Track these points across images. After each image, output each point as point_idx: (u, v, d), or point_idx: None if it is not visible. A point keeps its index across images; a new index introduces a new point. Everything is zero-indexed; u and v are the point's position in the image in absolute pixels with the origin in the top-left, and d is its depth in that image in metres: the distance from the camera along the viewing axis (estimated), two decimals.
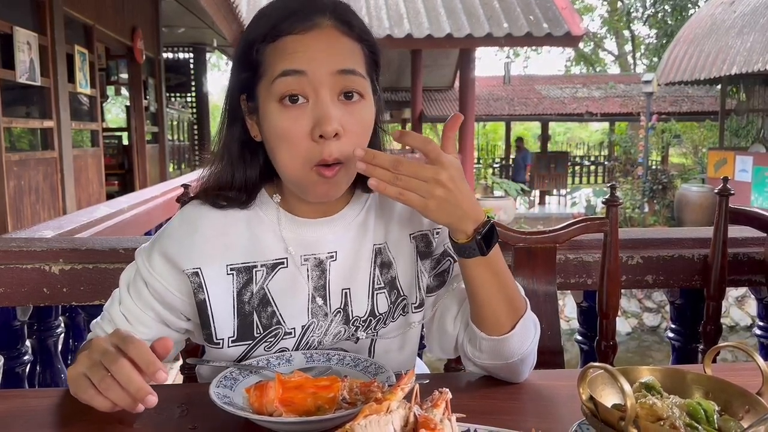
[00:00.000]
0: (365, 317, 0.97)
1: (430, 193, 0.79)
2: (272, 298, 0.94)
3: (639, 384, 0.74)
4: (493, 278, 0.88)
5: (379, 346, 1.00)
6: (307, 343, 0.96)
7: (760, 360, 0.74)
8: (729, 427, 0.68)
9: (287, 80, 0.83)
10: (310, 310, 0.95)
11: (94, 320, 1.01)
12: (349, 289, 0.97)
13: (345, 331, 0.97)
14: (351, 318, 0.96)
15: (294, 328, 0.95)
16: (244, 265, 0.94)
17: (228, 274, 0.94)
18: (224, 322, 0.94)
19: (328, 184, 0.87)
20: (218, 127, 0.97)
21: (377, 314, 0.97)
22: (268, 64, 0.86)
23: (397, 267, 0.99)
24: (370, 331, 0.97)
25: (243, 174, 0.95)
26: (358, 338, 0.97)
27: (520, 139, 15.78)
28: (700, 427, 0.67)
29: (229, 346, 0.94)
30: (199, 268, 0.93)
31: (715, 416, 0.69)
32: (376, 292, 0.98)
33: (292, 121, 0.84)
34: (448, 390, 0.72)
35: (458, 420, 0.70)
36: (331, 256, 0.96)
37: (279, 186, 0.98)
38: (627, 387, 0.65)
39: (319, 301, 0.95)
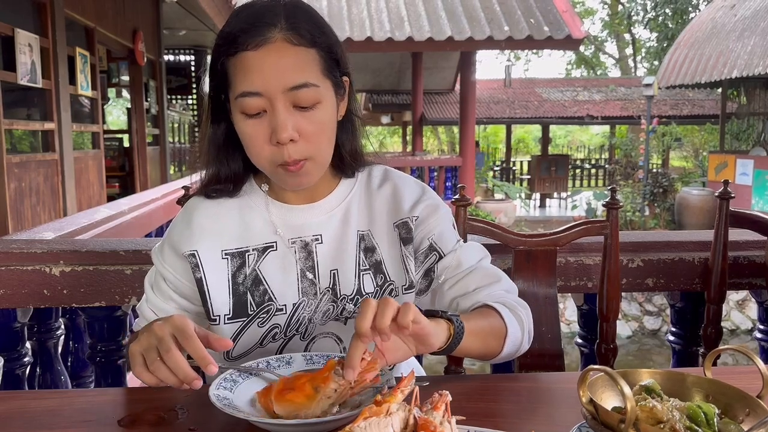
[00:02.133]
0: (352, 296, 1.03)
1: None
2: (264, 278, 1.02)
3: (639, 387, 0.74)
4: (474, 340, 0.93)
5: None
6: (298, 319, 1.02)
7: (760, 363, 0.74)
8: (729, 430, 0.68)
9: (246, 100, 0.92)
10: (300, 288, 1.02)
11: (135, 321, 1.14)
12: (336, 269, 1.03)
13: (333, 308, 1.03)
14: (339, 296, 1.03)
15: (285, 305, 1.01)
16: (237, 250, 1.03)
17: (223, 258, 1.02)
18: (220, 302, 1.02)
19: (297, 176, 0.96)
20: (202, 127, 1.05)
21: (363, 293, 1.03)
22: (231, 77, 0.93)
23: (382, 252, 1.05)
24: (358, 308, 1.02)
25: (227, 167, 1.03)
26: (346, 318, 1.03)
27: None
28: (700, 430, 0.66)
29: (225, 323, 1.02)
30: (196, 251, 1.01)
31: (715, 419, 0.69)
32: (362, 273, 1.04)
33: (254, 129, 0.93)
34: (448, 392, 0.72)
35: (458, 422, 0.70)
36: (317, 239, 1.04)
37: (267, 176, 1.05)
38: (627, 390, 0.65)
39: (309, 276, 1.02)
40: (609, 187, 1.51)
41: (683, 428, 0.66)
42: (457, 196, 1.47)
